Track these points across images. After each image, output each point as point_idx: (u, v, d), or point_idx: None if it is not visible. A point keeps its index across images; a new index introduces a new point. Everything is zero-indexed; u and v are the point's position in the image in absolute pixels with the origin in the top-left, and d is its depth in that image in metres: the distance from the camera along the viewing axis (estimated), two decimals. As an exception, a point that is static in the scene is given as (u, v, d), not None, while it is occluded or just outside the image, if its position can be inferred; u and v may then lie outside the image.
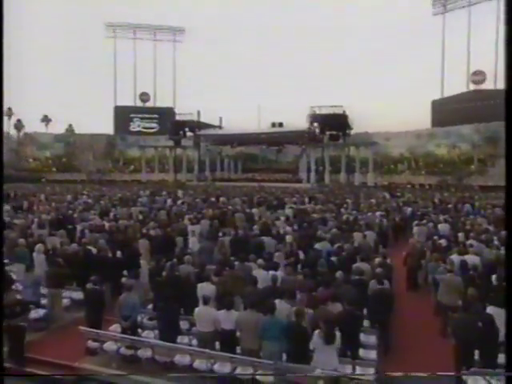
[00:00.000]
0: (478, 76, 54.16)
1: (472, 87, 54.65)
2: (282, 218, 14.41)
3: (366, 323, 6.51)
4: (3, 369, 3.80)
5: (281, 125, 47.41)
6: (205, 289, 6.55)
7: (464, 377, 5.02)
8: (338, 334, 5.11)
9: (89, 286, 6.93)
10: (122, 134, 65.60)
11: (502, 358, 5.42)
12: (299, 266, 8.30)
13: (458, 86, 55.11)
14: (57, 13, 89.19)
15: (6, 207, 17.06)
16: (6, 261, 9.20)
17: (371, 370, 5.15)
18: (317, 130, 44.10)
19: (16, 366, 6.04)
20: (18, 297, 7.06)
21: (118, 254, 9.00)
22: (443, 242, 10.65)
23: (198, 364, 5.36)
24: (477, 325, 5.30)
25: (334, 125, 42.84)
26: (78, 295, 7.83)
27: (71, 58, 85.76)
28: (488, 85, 53.19)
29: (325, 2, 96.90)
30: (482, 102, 49.84)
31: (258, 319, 5.35)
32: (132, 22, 67.75)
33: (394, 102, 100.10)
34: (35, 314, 7.15)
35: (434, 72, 59.08)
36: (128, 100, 69.36)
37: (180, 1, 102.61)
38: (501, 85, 50.75)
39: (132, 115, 68.19)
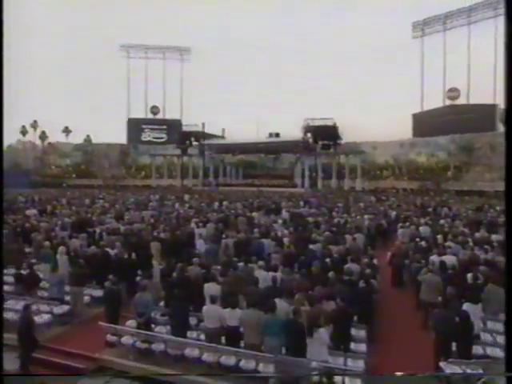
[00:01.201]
0: (453, 92, 54.52)
1: (448, 102, 55.06)
2: (280, 222, 14.41)
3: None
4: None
5: (277, 135, 47.60)
6: (211, 288, 6.51)
7: (442, 365, 5.06)
8: (324, 329, 5.10)
9: (107, 284, 6.96)
10: (134, 143, 65.61)
11: (475, 349, 5.49)
12: (296, 266, 8.29)
13: (435, 101, 55.69)
14: (77, 37, 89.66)
15: (33, 211, 17.08)
16: (33, 260, 9.26)
17: (361, 362, 5.17)
18: (310, 140, 44.24)
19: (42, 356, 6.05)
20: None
21: (133, 255, 8.99)
22: (424, 243, 10.69)
23: (206, 357, 5.36)
24: (454, 320, 5.34)
25: (326, 135, 43.03)
26: (98, 293, 7.84)
27: (90, 77, 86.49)
28: (462, 100, 53.64)
29: (320, 25, 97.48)
30: (457, 115, 50.17)
31: (260, 317, 5.35)
32: (144, 43, 68.05)
33: (379, 114, 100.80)
34: (60, 309, 7.14)
35: (414, 88, 59.53)
36: (140, 113, 69.52)
37: (186, 24, 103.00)
38: (473, 100, 51.35)
39: (143, 126, 68.17)
